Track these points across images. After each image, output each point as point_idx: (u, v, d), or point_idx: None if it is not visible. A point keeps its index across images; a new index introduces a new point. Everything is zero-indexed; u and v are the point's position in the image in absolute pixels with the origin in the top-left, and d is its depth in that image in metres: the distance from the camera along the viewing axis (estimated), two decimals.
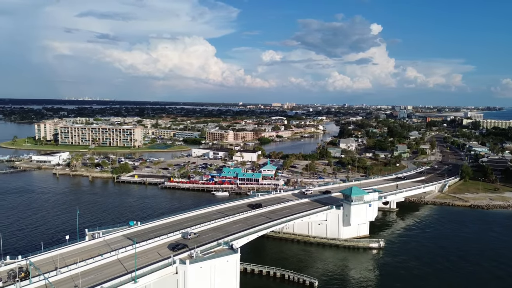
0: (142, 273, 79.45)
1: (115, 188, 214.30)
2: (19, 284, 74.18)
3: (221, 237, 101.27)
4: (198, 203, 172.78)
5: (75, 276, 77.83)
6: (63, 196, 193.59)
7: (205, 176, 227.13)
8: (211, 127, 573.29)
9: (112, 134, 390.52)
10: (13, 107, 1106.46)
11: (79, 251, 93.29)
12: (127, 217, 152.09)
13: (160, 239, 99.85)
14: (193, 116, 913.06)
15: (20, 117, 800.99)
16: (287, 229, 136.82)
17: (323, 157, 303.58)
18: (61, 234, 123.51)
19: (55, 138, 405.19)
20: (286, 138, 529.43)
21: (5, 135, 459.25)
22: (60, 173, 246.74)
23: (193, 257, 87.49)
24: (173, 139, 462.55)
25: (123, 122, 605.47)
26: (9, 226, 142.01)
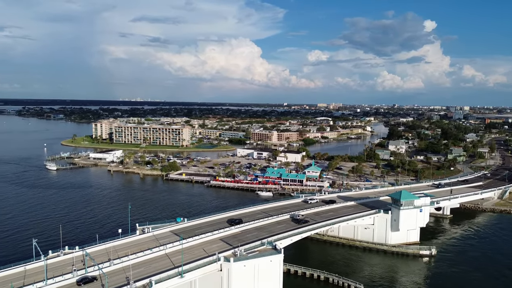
0: (188, 269, 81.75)
1: (164, 186, 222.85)
2: (76, 273, 79.55)
3: (264, 237, 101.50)
4: (242, 202, 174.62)
5: (126, 268, 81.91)
6: (116, 192, 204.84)
7: (249, 175, 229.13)
8: (255, 127, 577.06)
9: (162, 134, 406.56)
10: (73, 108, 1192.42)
11: (130, 244, 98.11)
12: (174, 213, 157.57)
13: (205, 236, 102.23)
14: (238, 116, 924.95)
15: (79, 117, 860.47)
16: (332, 232, 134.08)
17: (371, 159, 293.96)
18: (114, 227, 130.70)
19: (110, 137, 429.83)
20: (331, 139, 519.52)
21: (66, 133, 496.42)
22: (114, 170, 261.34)
23: (237, 255, 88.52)
24: (219, 139, 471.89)
25: (172, 122, 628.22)
26: (69, 219, 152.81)
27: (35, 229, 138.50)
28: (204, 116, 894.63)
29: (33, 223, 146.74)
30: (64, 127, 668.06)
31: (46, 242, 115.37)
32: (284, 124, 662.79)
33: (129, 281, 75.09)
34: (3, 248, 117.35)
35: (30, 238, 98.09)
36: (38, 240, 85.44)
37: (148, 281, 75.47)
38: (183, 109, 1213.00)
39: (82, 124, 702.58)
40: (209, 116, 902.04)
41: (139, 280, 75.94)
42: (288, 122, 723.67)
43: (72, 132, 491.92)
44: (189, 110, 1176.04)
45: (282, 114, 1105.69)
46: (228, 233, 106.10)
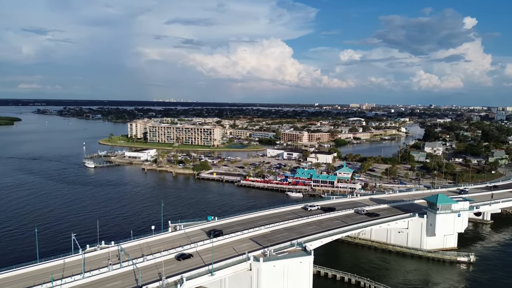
0: (218, 267, 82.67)
1: (195, 184, 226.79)
2: (111, 267, 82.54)
3: (294, 238, 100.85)
4: (271, 202, 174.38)
5: (158, 264, 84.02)
6: (150, 189, 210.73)
7: (279, 176, 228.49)
8: (286, 128, 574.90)
9: (194, 134, 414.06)
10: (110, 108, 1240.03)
11: (163, 241, 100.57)
12: (205, 212, 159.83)
13: (235, 235, 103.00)
14: (269, 117, 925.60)
15: (115, 117, 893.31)
16: (364, 235, 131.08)
17: (405, 161, 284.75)
18: (148, 224, 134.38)
19: (144, 136, 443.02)
20: (364, 140, 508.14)
21: (103, 133, 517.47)
22: (148, 169, 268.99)
23: (266, 255, 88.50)
24: (249, 139, 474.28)
25: (203, 123, 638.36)
26: (105, 214, 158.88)
27: (74, 223, 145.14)
28: (234, 116, 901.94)
29: (72, 218, 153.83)
30: (102, 126, 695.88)
31: (84, 236, 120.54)
32: (315, 125, 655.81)
33: (161, 277, 76.97)
34: (44, 240, 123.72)
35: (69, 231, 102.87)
36: (76, 234, 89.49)
37: (180, 278, 77.02)
38: (215, 110, 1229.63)
39: (118, 124, 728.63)
40: (239, 116, 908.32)
41: (170, 277, 77.66)
42: (319, 122, 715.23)
43: (109, 132, 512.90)
44: (220, 110, 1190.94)
45: (313, 114, 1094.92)
46: (258, 232, 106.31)
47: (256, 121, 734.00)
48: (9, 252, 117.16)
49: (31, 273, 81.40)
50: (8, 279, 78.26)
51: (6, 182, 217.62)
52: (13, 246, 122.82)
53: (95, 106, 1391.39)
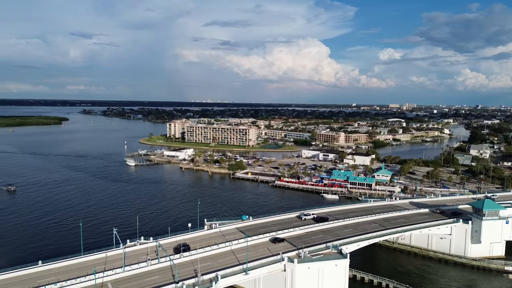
0: (252, 266, 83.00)
1: (230, 184, 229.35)
2: (150, 262, 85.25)
3: (330, 240, 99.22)
4: (306, 203, 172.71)
5: (194, 261, 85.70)
6: (187, 188, 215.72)
7: (314, 177, 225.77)
8: (321, 128, 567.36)
9: (230, 134, 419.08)
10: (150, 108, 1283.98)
11: (199, 238, 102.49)
12: (240, 211, 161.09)
13: (270, 235, 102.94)
14: (304, 117, 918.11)
15: (155, 117, 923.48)
16: (403, 240, 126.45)
17: (449, 164, 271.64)
18: (184, 221, 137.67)
19: (182, 136, 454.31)
20: (404, 142, 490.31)
21: (143, 132, 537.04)
22: (185, 168, 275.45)
23: (301, 256, 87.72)
24: (284, 140, 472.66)
25: (239, 123, 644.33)
26: (144, 211, 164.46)
27: (115, 218, 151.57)
28: (270, 117, 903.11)
29: (114, 213, 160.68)
30: (142, 126, 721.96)
31: (124, 231, 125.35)
32: (352, 125, 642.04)
33: (196, 274, 78.44)
34: (87, 233, 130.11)
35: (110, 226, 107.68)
36: (117, 229, 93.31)
37: (215, 275, 78.10)
38: (250, 110, 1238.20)
39: (158, 124, 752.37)
40: (275, 117, 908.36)
41: (206, 274, 78.96)
42: (357, 123, 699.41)
43: (149, 131, 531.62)
44: (255, 111, 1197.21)
45: (350, 115, 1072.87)
46: (293, 233, 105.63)
47: (291, 122, 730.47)
48: (55, 244, 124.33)
49: (76, 265, 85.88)
50: (54, 270, 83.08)
51: (54, 178, 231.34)
52: (59, 239, 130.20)
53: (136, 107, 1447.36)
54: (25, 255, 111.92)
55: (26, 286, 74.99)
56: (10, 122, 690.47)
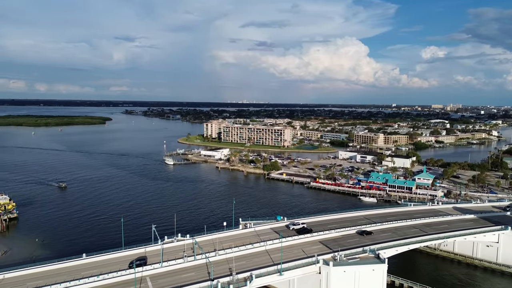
0: (287, 267, 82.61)
1: (265, 184, 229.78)
2: (186, 259, 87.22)
3: (366, 244, 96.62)
4: (343, 206, 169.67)
5: (229, 259, 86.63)
6: (223, 187, 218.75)
7: (351, 179, 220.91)
8: (359, 129, 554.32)
9: (265, 134, 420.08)
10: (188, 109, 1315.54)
11: (234, 237, 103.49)
12: (275, 211, 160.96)
13: (305, 236, 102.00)
14: (341, 118, 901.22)
15: (193, 117, 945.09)
16: (445, 247, 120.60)
17: (497, 168, 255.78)
18: (220, 220, 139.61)
19: (218, 136, 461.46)
20: (447, 144, 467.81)
21: (182, 132, 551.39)
22: (221, 167, 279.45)
23: (336, 259, 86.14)
24: (320, 141, 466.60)
25: (274, 123, 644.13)
26: (182, 208, 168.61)
27: (154, 215, 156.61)
28: (306, 117, 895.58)
29: (152, 210, 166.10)
30: (181, 126, 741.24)
31: (162, 227, 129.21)
32: (391, 127, 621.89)
33: (231, 272, 79.24)
34: (127, 229, 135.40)
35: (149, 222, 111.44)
36: (156, 226, 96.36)
37: (249, 275, 78.52)
38: (286, 111, 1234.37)
39: (195, 124, 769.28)
40: (311, 117, 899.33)
41: (240, 273, 79.58)
42: (397, 124, 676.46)
43: (187, 131, 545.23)
44: (291, 111, 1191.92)
45: (389, 115, 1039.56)
46: (328, 236, 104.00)
47: (327, 122, 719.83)
48: (98, 238, 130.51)
49: (117, 258, 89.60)
50: (97, 263, 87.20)
51: (98, 175, 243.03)
52: (102, 233, 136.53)
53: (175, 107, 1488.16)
54: (71, 247, 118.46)
55: (71, 277, 79.25)
56: (59, 121, 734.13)
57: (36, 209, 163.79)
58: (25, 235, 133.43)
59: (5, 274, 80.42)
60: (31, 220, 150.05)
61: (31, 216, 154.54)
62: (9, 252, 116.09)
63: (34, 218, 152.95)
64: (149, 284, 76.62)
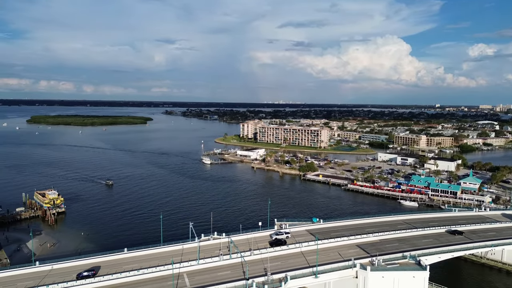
0: (322, 270, 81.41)
1: (301, 185, 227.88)
2: (222, 257, 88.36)
3: (407, 250, 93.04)
4: (381, 209, 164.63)
5: (264, 259, 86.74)
6: (258, 187, 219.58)
7: (391, 182, 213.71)
8: (400, 130, 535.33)
9: (301, 135, 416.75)
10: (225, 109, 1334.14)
11: (269, 238, 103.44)
12: (310, 213, 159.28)
13: (341, 239, 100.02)
14: (381, 119, 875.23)
15: (230, 117, 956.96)
16: (493, 255, 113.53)
17: None
18: (255, 219, 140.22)
19: (254, 136, 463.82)
20: (497, 147, 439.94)
21: (219, 132, 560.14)
22: (257, 167, 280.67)
23: (374, 264, 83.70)
24: (359, 142, 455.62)
25: (311, 124, 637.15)
26: (218, 207, 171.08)
27: (191, 212, 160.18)
28: (343, 118, 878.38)
29: (190, 207, 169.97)
30: (218, 126, 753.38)
31: (198, 225, 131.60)
32: (435, 128, 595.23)
33: (266, 272, 79.32)
34: (166, 226, 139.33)
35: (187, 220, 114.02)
36: (193, 224, 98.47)
37: (284, 276, 78.20)
38: (323, 111, 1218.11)
39: (232, 124, 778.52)
40: (348, 118, 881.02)
41: (275, 273, 79.45)
42: (440, 125, 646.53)
43: (224, 131, 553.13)
44: (328, 112, 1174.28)
45: (433, 116, 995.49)
46: (366, 240, 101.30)
47: (366, 123, 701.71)
48: (139, 233, 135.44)
49: (156, 254, 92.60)
50: (137, 258, 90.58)
51: (139, 172, 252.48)
52: (142, 228, 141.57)
53: (212, 108, 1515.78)
54: (114, 241, 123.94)
55: (113, 270, 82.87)
56: (103, 121, 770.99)
57: (83, 204, 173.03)
58: (71, 229, 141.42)
59: (53, 265, 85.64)
60: (78, 215, 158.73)
61: (78, 211, 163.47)
62: (57, 245, 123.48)
63: (80, 212, 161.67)
64: (186, 280, 78.45)
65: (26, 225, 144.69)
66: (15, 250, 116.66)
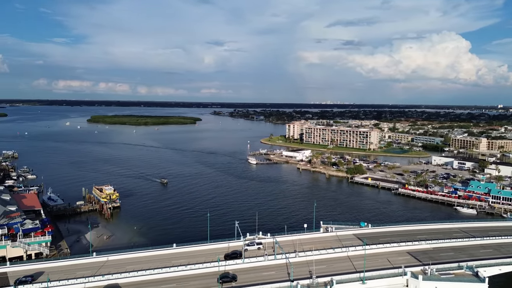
0: (370, 276, 78.84)
1: (348, 188, 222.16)
2: (267, 257, 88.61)
3: (463, 260, 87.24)
4: (435, 216, 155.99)
5: (309, 262, 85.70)
6: (304, 188, 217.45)
7: (447, 187, 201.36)
8: (457, 133, 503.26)
9: (349, 136, 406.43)
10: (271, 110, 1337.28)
11: (314, 240, 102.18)
12: (358, 217, 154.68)
13: (391, 245, 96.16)
14: (436, 120, 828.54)
15: (276, 118, 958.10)
16: None
17: None
18: (300, 221, 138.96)
19: (300, 137, 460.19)
20: None
21: (264, 132, 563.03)
22: (303, 168, 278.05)
23: (427, 273, 79.44)
24: (411, 144, 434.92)
25: (360, 125, 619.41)
26: (263, 207, 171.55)
27: (237, 211, 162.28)
28: (395, 119, 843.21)
29: (235, 206, 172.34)
30: (264, 127, 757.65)
31: (244, 224, 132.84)
32: (497, 130, 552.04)
33: (311, 275, 78.32)
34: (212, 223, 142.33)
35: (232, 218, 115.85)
36: (238, 222, 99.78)
37: (329, 279, 76.75)
38: (372, 112, 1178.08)
39: (278, 125, 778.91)
40: (400, 119, 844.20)
41: (320, 277, 78.22)
42: (503, 127, 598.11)
43: (269, 132, 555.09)
44: (378, 112, 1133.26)
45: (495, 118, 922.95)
46: (417, 247, 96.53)
47: (420, 125, 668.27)
48: (187, 230, 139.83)
49: (203, 251, 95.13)
50: (185, 253, 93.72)
51: (188, 171, 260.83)
52: (190, 225, 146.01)
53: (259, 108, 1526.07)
54: (163, 236, 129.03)
55: (163, 264, 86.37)
56: (156, 121, 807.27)
57: (136, 200, 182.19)
58: (125, 223, 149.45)
59: (109, 257, 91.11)
60: (131, 210, 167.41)
61: (131, 206, 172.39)
62: (112, 237, 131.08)
63: (134, 208, 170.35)
64: None
65: (85, 217, 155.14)
66: (75, 241, 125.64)
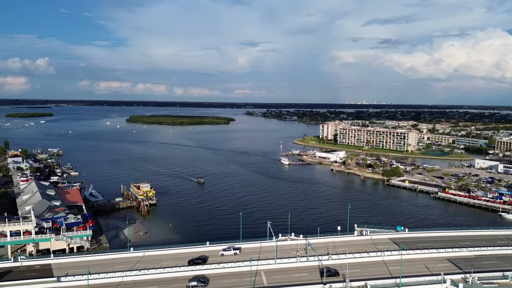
0: (406, 282, 76.22)
1: (384, 190, 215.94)
2: (299, 259, 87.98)
3: (508, 269, 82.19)
4: (478, 222, 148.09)
5: (342, 265, 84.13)
6: (338, 190, 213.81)
7: (491, 192, 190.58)
8: (503, 134, 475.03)
9: (386, 137, 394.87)
10: (305, 110, 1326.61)
11: (348, 243, 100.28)
12: (394, 221, 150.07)
13: (429, 251, 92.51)
14: (480, 121, 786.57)
15: (309, 118, 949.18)
16: None
17: None
18: (333, 223, 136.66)
19: (334, 138, 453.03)
20: None
21: (297, 133, 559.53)
22: (337, 170, 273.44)
23: (468, 282, 75.67)
24: (452, 146, 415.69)
25: (397, 126, 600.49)
26: (295, 208, 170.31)
27: (269, 211, 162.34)
28: (434, 120, 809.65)
29: (268, 206, 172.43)
30: (297, 127, 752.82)
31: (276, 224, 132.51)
32: None
33: (345, 279, 76.88)
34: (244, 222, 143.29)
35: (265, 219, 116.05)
36: (271, 223, 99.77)
37: (364, 284, 75.07)
38: (411, 112, 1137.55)
39: (311, 125, 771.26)
40: (441, 120, 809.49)
41: (354, 281, 76.61)
42: None
43: (303, 132, 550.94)
44: (417, 113, 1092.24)
45: None
46: (458, 254, 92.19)
47: (462, 126, 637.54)
48: (220, 229, 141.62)
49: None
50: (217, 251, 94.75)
51: (222, 170, 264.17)
52: (222, 223, 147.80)
53: (292, 109, 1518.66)
54: (197, 234, 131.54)
55: None
56: (191, 121, 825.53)
57: (172, 198, 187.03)
58: (161, 220, 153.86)
59: (145, 252, 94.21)
60: (167, 207, 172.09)
61: (167, 204, 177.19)
62: (149, 233, 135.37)
63: (169, 206, 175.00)
64: (264, 278, 79.83)
65: (123, 214, 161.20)
66: (114, 236, 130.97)
